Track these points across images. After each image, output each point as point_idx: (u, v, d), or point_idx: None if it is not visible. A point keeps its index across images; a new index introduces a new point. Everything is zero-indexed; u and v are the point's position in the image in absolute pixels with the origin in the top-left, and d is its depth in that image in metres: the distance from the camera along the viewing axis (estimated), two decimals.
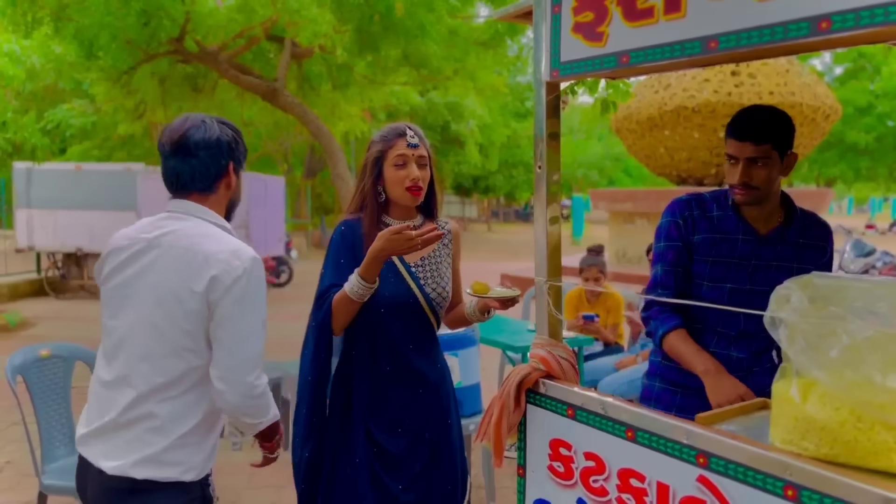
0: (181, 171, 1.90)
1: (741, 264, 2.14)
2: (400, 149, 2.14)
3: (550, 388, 1.54)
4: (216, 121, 1.95)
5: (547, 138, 1.58)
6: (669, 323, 2.18)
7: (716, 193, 2.24)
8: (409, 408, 2.16)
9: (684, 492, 1.24)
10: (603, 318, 4.75)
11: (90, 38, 6.67)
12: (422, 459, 2.16)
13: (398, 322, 2.14)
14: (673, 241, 2.21)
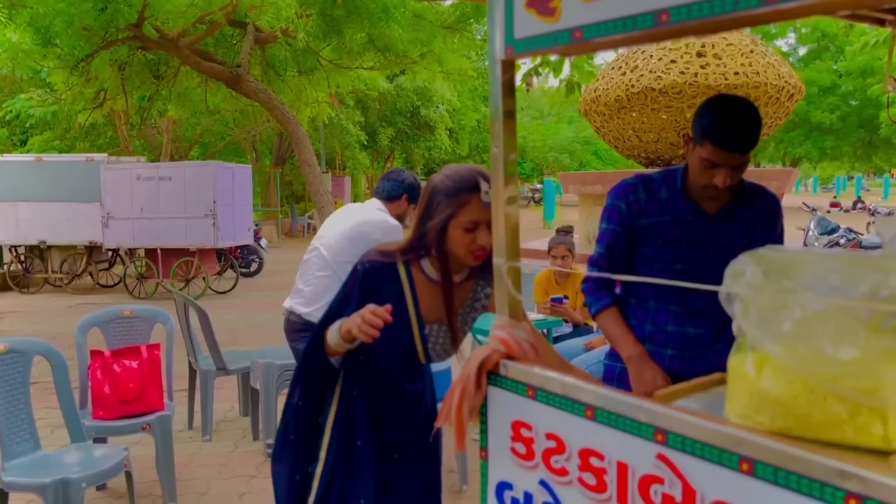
0: None
1: (691, 245, 2.15)
2: (473, 210, 1.86)
3: (511, 369, 1.52)
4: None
5: (503, 117, 1.55)
6: (602, 301, 2.29)
7: (665, 174, 2.23)
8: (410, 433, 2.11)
9: (643, 470, 1.23)
10: (572, 299, 4.76)
11: (45, 25, 6.49)
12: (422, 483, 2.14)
13: (395, 366, 2.05)
14: (612, 224, 2.23)
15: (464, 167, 1.95)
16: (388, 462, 2.09)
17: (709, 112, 2.04)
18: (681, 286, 2.08)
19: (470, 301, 2.05)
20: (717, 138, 1.99)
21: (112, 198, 10.95)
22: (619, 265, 2.23)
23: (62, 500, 2.82)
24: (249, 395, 4.80)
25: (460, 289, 2.01)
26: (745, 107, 2.03)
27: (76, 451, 3.21)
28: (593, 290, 2.33)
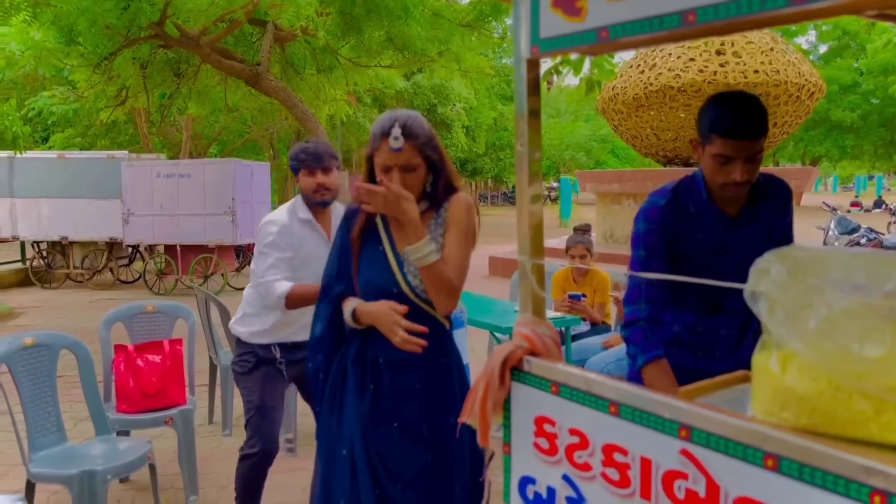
0: None
1: (721, 251, 2.14)
2: (383, 155, 2.04)
3: (534, 365, 1.54)
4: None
5: (528, 116, 1.57)
6: (651, 353, 2.10)
7: (687, 185, 2.17)
8: (406, 401, 2.11)
9: (667, 465, 1.25)
10: (590, 297, 4.76)
11: (69, 23, 6.57)
12: (422, 457, 2.10)
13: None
14: (654, 249, 2.13)
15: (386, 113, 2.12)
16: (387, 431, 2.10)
17: (709, 108, 2.01)
18: (710, 290, 2.08)
19: (433, 224, 2.15)
20: (724, 129, 1.95)
21: (132, 194, 11.07)
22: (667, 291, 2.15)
23: (87, 491, 2.87)
24: None
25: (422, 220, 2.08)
26: (744, 96, 1.99)
27: (101, 444, 3.26)
28: (641, 340, 2.13)
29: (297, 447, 4.36)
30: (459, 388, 2.17)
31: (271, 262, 2.81)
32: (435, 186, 2.13)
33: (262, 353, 3.06)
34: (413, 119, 2.06)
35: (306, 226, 2.97)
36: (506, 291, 6.09)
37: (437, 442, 2.10)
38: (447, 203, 2.15)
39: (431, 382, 2.12)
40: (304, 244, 2.93)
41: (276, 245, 2.85)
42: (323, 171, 2.91)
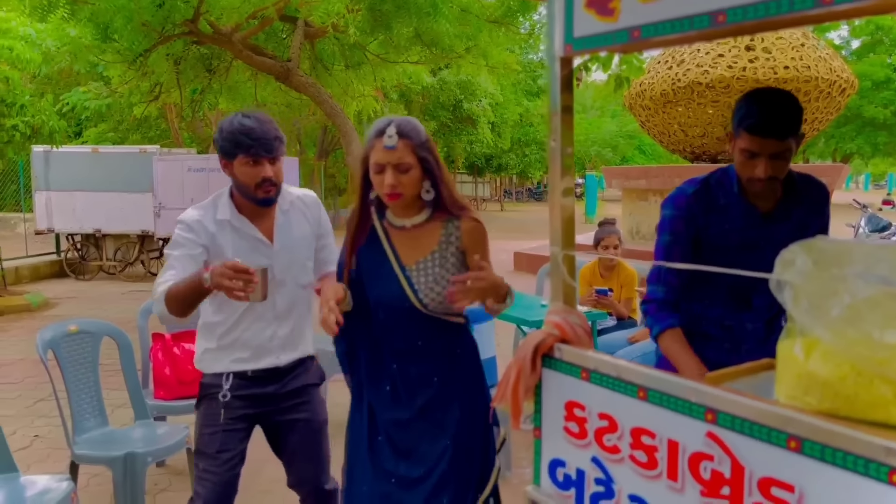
0: None
1: (750, 248, 2.15)
2: (377, 154, 2.05)
3: (565, 352, 1.60)
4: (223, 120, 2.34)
5: (561, 112, 1.62)
6: (665, 322, 2.20)
7: (719, 177, 2.21)
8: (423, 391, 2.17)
9: (694, 447, 1.30)
10: (616, 292, 4.80)
11: (106, 20, 6.73)
12: (440, 443, 2.16)
13: (396, 323, 2.15)
14: (678, 235, 2.19)
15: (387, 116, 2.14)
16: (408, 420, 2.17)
17: (743, 103, 2.04)
18: (737, 285, 2.11)
19: (444, 240, 2.14)
20: (751, 125, 1.98)
21: (163, 188, 11.26)
22: (685, 279, 2.21)
23: (129, 472, 2.98)
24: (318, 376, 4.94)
25: (424, 230, 2.15)
26: (779, 94, 2.02)
27: (140, 428, 3.37)
28: (655, 312, 2.24)
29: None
30: (472, 373, 2.24)
31: (169, 262, 2.29)
32: (438, 195, 2.12)
33: (207, 381, 2.47)
34: (409, 122, 2.09)
35: (225, 227, 2.36)
36: (531, 286, 6.13)
37: (453, 429, 2.16)
38: (458, 222, 2.15)
39: (446, 373, 2.18)
40: (223, 249, 2.34)
41: (177, 243, 2.30)
42: (270, 161, 2.30)
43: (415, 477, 2.13)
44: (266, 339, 2.43)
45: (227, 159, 2.30)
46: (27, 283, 11.34)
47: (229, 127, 2.26)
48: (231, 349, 2.42)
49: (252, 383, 2.44)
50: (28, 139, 9.00)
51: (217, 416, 2.39)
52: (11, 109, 8.84)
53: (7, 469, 2.75)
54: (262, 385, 2.46)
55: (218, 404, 2.40)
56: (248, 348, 2.42)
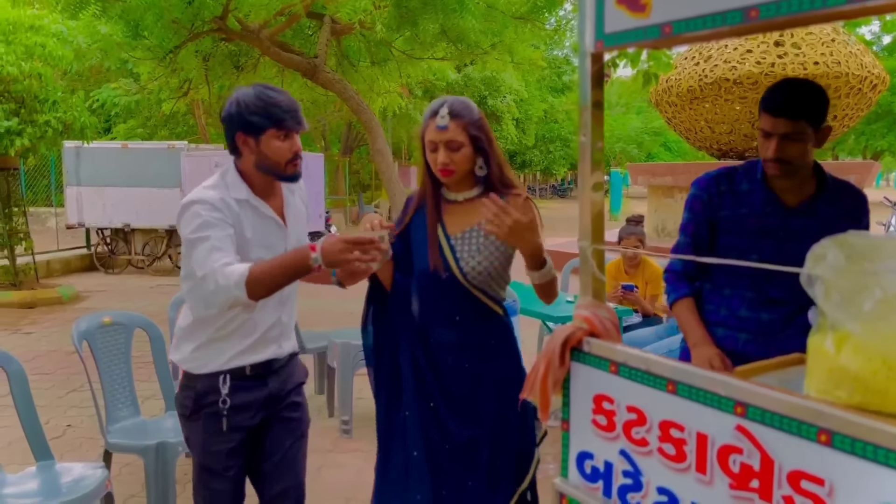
0: None
1: (768, 236, 2.20)
2: (430, 133, 2.15)
3: (594, 345, 1.61)
4: (239, 94, 2.13)
5: (591, 108, 1.64)
6: (679, 291, 2.39)
7: (747, 166, 2.30)
8: (456, 379, 2.20)
9: (722, 440, 1.31)
10: (641, 289, 4.79)
11: (136, 17, 6.82)
12: (468, 431, 2.18)
13: (439, 294, 2.19)
14: (695, 214, 2.33)
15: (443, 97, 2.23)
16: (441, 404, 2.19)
17: (768, 89, 2.14)
18: (756, 275, 2.14)
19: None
20: (766, 105, 2.08)
21: (191, 184, 11.38)
22: (701, 254, 2.30)
23: (160, 461, 3.04)
24: (325, 374, 5.00)
25: (475, 204, 2.21)
26: (803, 81, 2.10)
27: (171, 419, 3.43)
28: (673, 281, 2.43)
29: (352, 429, 4.50)
30: (506, 367, 2.25)
31: (212, 245, 2.01)
32: (489, 172, 2.21)
33: (202, 388, 2.19)
34: (462, 102, 2.18)
35: (246, 207, 2.16)
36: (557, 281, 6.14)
37: (483, 418, 2.19)
38: (508, 198, 2.20)
39: (479, 362, 2.21)
40: (244, 229, 2.14)
41: (209, 224, 2.04)
42: (297, 135, 2.16)
43: (449, 465, 2.17)
44: (270, 325, 2.23)
45: (253, 135, 2.10)
46: (58, 277, 11.54)
47: (255, 100, 2.07)
48: (229, 340, 2.17)
49: (252, 384, 2.22)
50: (60, 135, 9.17)
51: (220, 429, 2.18)
52: (44, 105, 9.01)
53: (44, 456, 2.82)
54: (261, 385, 2.24)
55: (219, 415, 2.17)
56: (248, 337, 2.19)
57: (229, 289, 1.93)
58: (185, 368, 2.22)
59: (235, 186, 2.14)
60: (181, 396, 2.25)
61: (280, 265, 1.98)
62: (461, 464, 2.17)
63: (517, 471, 2.21)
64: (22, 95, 8.81)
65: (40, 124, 8.79)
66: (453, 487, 2.17)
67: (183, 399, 2.24)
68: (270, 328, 2.23)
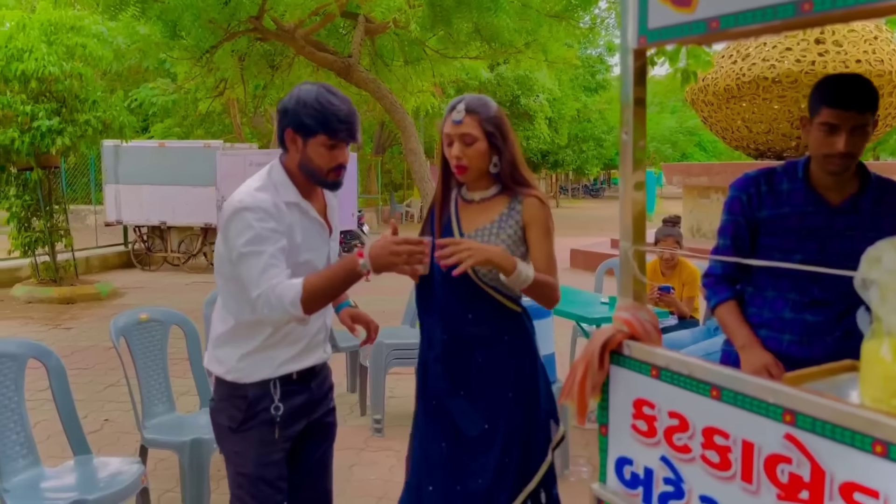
0: None
1: (811, 235, 2.16)
2: (447, 127, 2.20)
3: (634, 349, 1.58)
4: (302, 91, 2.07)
5: (633, 105, 1.60)
6: (721, 295, 2.33)
7: (787, 165, 2.26)
8: (470, 374, 2.23)
9: (770, 449, 1.27)
10: (678, 291, 4.71)
11: (174, 18, 6.91)
12: (479, 425, 2.21)
13: (452, 291, 2.21)
14: (734, 215, 2.28)
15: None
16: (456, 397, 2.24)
17: (821, 84, 2.11)
18: (799, 276, 2.08)
19: (506, 213, 2.23)
20: (832, 99, 2.03)
21: (226, 182, 11.50)
22: (742, 256, 2.26)
23: (195, 457, 3.06)
24: (358, 373, 5.01)
25: (491, 203, 2.25)
26: (856, 75, 2.10)
27: (206, 415, 3.45)
28: (713, 285, 2.38)
29: (384, 428, 4.49)
30: (520, 364, 2.25)
31: (266, 262, 1.94)
32: (502, 169, 2.22)
33: (253, 397, 2.10)
34: (480, 99, 2.22)
35: (294, 210, 2.09)
36: (587, 283, 6.07)
37: (492, 413, 2.21)
38: (522, 198, 2.23)
39: (493, 359, 2.23)
40: (294, 234, 2.07)
41: (262, 238, 1.96)
42: (346, 146, 2.11)
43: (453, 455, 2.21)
44: (316, 329, 2.18)
45: (302, 135, 2.03)
46: (97, 273, 11.75)
47: (315, 102, 2.00)
48: (278, 347, 2.09)
49: (299, 388, 2.16)
50: (99, 134, 9.32)
51: (273, 438, 2.10)
52: (84, 105, 9.17)
53: (82, 450, 2.86)
54: (306, 390, 2.19)
55: (272, 422, 2.10)
56: (297, 344, 2.12)
57: (285, 309, 1.91)
58: (231, 378, 2.10)
59: (285, 188, 2.07)
60: (227, 407, 2.12)
61: (331, 277, 1.96)
62: (473, 459, 2.20)
63: (524, 469, 2.20)
64: (63, 95, 8.98)
65: (80, 123, 8.95)
66: (464, 481, 2.19)
67: (230, 410, 2.11)
68: (317, 333, 2.20)
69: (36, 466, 2.71)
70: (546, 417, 2.27)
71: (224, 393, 2.13)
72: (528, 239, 2.23)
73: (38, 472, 2.69)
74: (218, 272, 2.12)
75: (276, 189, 2.05)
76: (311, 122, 2.00)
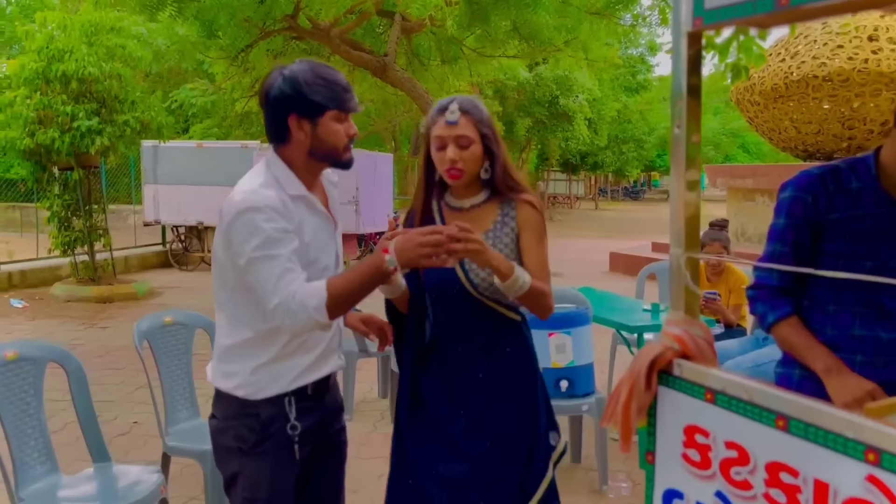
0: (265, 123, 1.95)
1: (884, 239, 1.94)
2: (438, 129, 2.03)
3: (686, 369, 1.41)
4: (293, 71, 1.88)
5: (687, 95, 1.43)
6: (781, 310, 2.02)
7: (852, 162, 2.02)
8: (470, 389, 2.11)
9: (849, 491, 1.09)
10: (724, 297, 4.49)
11: (210, 17, 6.89)
12: (481, 443, 2.08)
13: (448, 305, 2.10)
14: (796, 218, 2.01)
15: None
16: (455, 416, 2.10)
17: None
18: (867, 286, 1.87)
19: (499, 220, 2.11)
20: None
21: None
22: (802, 264, 2.02)
23: None
24: (389, 378, 4.89)
25: (481, 210, 2.12)
26: None
27: None
28: (769, 298, 2.06)
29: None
30: (524, 376, 2.15)
31: (282, 267, 1.78)
32: (493, 174, 2.09)
33: (267, 415, 1.91)
34: (471, 100, 2.09)
35: (301, 204, 1.91)
36: (627, 288, 5.86)
37: (496, 430, 2.09)
38: (515, 203, 2.12)
39: (494, 372, 2.11)
40: (303, 231, 1.89)
41: (274, 241, 1.79)
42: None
43: (453, 475, 2.08)
44: (332, 333, 2.01)
45: (311, 117, 1.84)
46: (135, 273, 11.86)
47: (317, 78, 1.83)
48: (294, 356, 1.92)
49: (314, 404, 1.98)
50: (138, 134, 9.39)
51: (289, 461, 1.93)
52: (123, 105, 9.26)
53: (101, 458, 2.78)
54: (320, 406, 2.02)
55: (290, 442, 1.92)
56: (314, 350, 1.95)
57: (309, 316, 1.75)
58: (242, 394, 1.90)
59: (288, 181, 1.88)
60: (235, 427, 1.91)
61: (358, 278, 1.81)
62: (472, 477, 2.08)
63: (523, 486, 2.09)
64: (103, 95, 9.07)
65: (119, 124, 9.02)
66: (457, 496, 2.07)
67: (238, 430, 1.91)
68: (333, 336, 2.03)
69: (54, 473, 2.63)
70: (546, 429, 2.17)
71: (231, 411, 1.93)
72: (522, 245, 2.10)
73: (55, 480, 2.61)
74: (220, 285, 1.93)
75: (279, 184, 1.87)
76: (319, 99, 1.83)
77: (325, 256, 1.97)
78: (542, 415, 2.16)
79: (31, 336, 7.33)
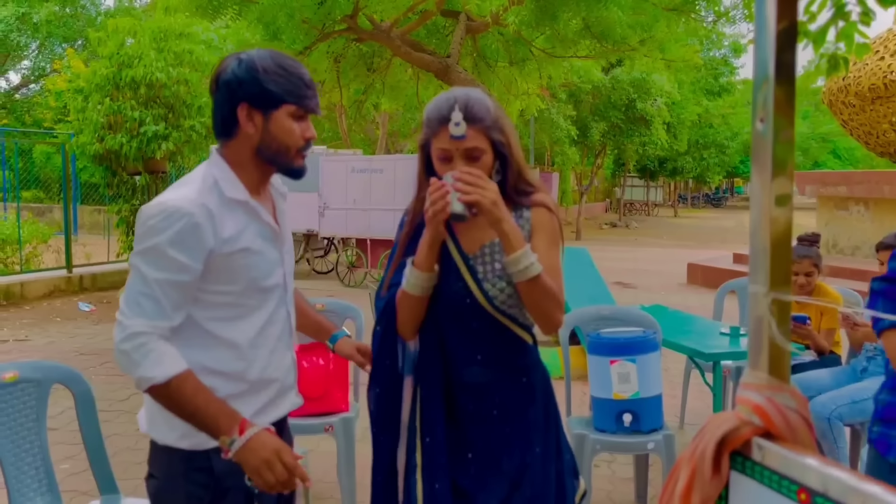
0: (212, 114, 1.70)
1: None
2: (442, 141, 1.75)
3: (771, 454, 1.02)
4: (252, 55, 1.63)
5: (774, 79, 1.05)
6: None
7: None
8: (483, 429, 1.85)
9: None
10: (815, 321, 3.97)
11: (270, 19, 6.77)
12: (501, 490, 1.82)
13: (461, 326, 1.84)
14: None
15: (443, 94, 1.83)
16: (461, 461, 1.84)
17: None
18: None
19: None
20: None
21: (328, 188, 11.43)
22: None
23: None
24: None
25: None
26: None
27: None
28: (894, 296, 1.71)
29: None
30: (544, 409, 1.92)
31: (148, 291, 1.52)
32: (504, 177, 1.84)
33: (221, 468, 1.59)
34: (475, 99, 1.78)
35: (240, 210, 1.65)
36: (704, 303, 5.37)
37: (518, 474, 1.84)
38: (529, 206, 1.88)
39: (511, 407, 1.87)
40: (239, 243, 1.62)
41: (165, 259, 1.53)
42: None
43: None
44: (287, 368, 1.77)
45: (263, 108, 1.61)
46: None
47: (277, 67, 1.61)
48: (246, 397, 1.65)
49: None
50: (204, 139, 9.41)
51: None
52: (190, 110, 9.28)
53: (108, 489, 2.55)
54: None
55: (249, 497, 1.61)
56: (268, 388, 1.69)
57: (140, 376, 1.48)
58: (186, 446, 1.60)
59: (230, 184, 1.63)
60: (186, 486, 1.61)
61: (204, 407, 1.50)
62: None
63: None
64: (170, 101, 9.11)
65: (185, 129, 9.05)
66: None
67: (188, 488, 1.61)
68: (288, 371, 1.78)
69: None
70: (569, 470, 1.95)
71: (175, 467, 1.62)
72: (533, 248, 1.82)
73: None
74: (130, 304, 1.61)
75: (216, 186, 1.62)
76: (275, 89, 1.59)
77: (262, 275, 1.68)
78: (564, 452, 1.94)
79: (94, 340, 7.39)
